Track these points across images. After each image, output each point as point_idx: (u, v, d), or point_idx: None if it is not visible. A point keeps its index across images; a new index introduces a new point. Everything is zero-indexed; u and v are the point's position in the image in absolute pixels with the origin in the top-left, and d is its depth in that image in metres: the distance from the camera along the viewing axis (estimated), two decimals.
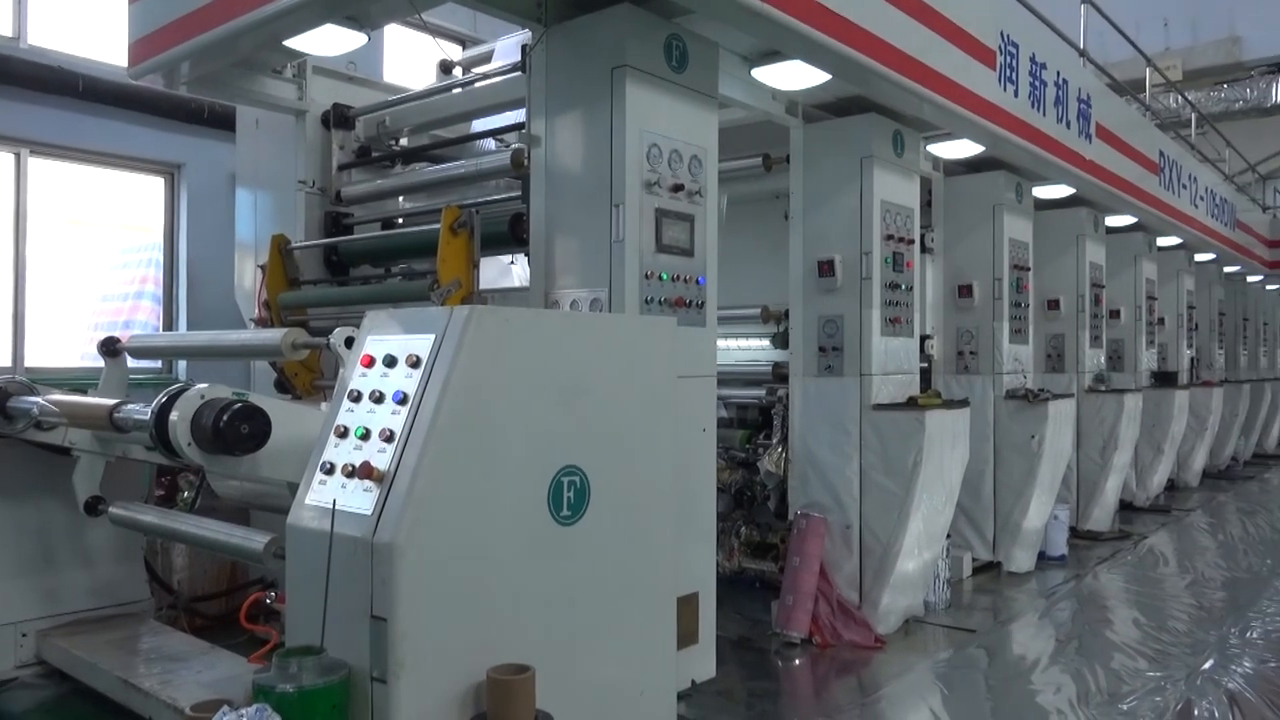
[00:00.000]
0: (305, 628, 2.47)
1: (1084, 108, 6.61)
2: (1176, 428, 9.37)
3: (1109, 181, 7.14)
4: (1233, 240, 11.38)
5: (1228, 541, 7.96)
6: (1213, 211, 10.42)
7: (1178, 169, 9.01)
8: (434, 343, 2.58)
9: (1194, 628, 5.32)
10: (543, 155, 3.95)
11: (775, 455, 5.41)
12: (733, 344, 6.15)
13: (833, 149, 5.22)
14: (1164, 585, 6.39)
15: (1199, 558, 7.25)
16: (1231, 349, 13.44)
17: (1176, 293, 10.51)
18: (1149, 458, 9.15)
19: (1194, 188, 9.64)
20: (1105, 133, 7.02)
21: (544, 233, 3.95)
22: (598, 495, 2.83)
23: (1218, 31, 17.63)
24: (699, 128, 4.00)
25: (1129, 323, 9.15)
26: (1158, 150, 8.42)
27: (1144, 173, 7.99)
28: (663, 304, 3.80)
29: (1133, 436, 8.21)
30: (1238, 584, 6.39)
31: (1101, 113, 6.94)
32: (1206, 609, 5.74)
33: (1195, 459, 10.66)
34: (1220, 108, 17.02)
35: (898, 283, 5.27)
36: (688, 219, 3.93)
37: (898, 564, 4.99)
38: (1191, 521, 8.74)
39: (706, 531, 4.08)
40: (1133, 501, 9.08)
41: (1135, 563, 6.99)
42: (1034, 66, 5.78)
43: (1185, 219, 9.28)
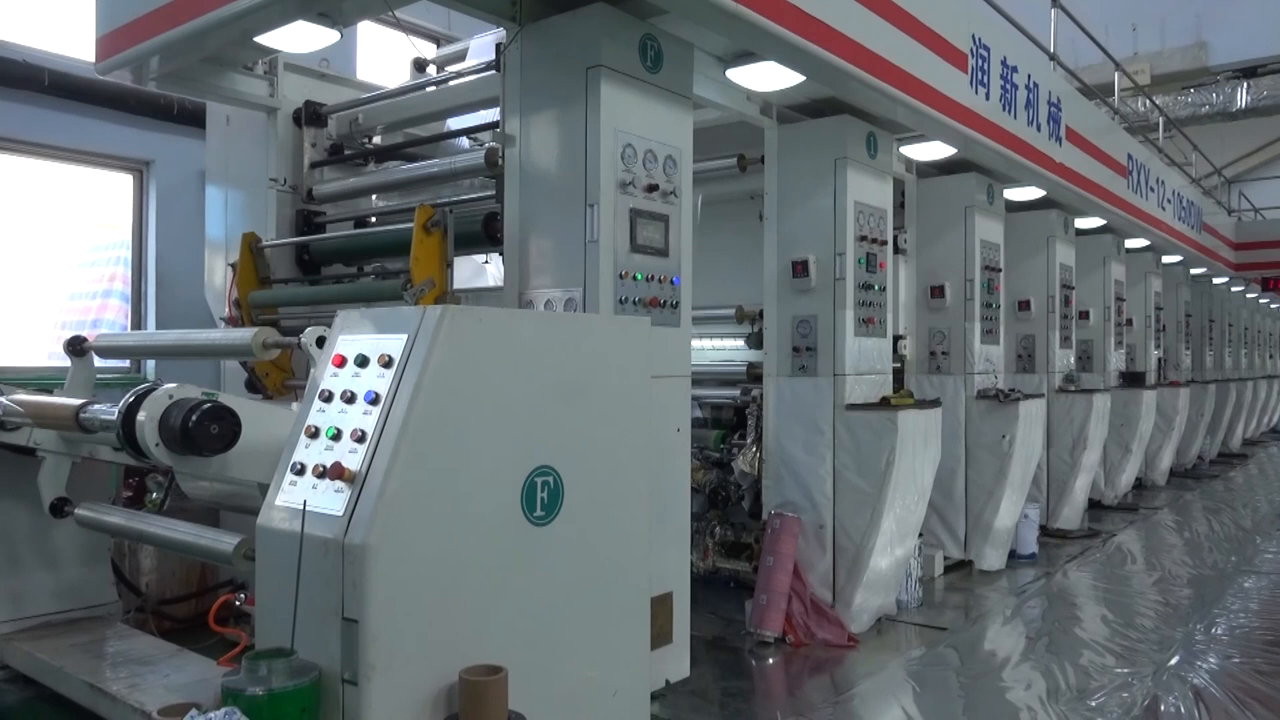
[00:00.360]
0: (275, 630, 2.45)
1: (1054, 111, 6.69)
2: (1144, 427, 9.50)
3: (1078, 184, 7.23)
4: (1199, 243, 11.56)
5: (1194, 539, 8.09)
6: (1180, 214, 10.57)
7: (1145, 172, 9.14)
8: (406, 342, 2.56)
9: (1161, 624, 5.40)
10: (517, 154, 3.94)
11: (749, 455, 5.43)
12: (707, 344, 6.16)
13: (807, 150, 5.25)
14: (1132, 583, 6.48)
15: (1166, 555, 7.35)
16: (1198, 350, 13.65)
17: (1144, 294, 10.66)
18: (1117, 457, 9.27)
19: (1161, 191, 9.78)
20: (1075, 136, 7.11)
21: (518, 232, 3.94)
22: (571, 496, 2.82)
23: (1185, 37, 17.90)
24: (674, 128, 4.01)
25: (1098, 324, 9.27)
26: (1126, 153, 8.54)
27: (1113, 176, 8.10)
28: (637, 304, 3.80)
29: (1101, 436, 8.33)
30: (1203, 581, 6.49)
31: (1071, 116, 7.02)
32: (1173, 606, 5.82)
33: (1162, 458, 10.81)
34: (1187, 112, 17.30)
35: (871, 283, 5.31)
36: (662, 219, 3.93)
37: (870, 563, 5.02)
38: (1159, 520, 8.87)
39: (681, 531, 4.09)
40: (1101, 500, 9.20)
41: (1104, 561, 7.08)
42: (1005, 70, 5.84)
43: (1153, 222, 9.42)
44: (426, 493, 2.46)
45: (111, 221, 7.65)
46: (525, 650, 2.68)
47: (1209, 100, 17.62)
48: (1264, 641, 5.19)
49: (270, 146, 5.27)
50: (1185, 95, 17.92)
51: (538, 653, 2.73)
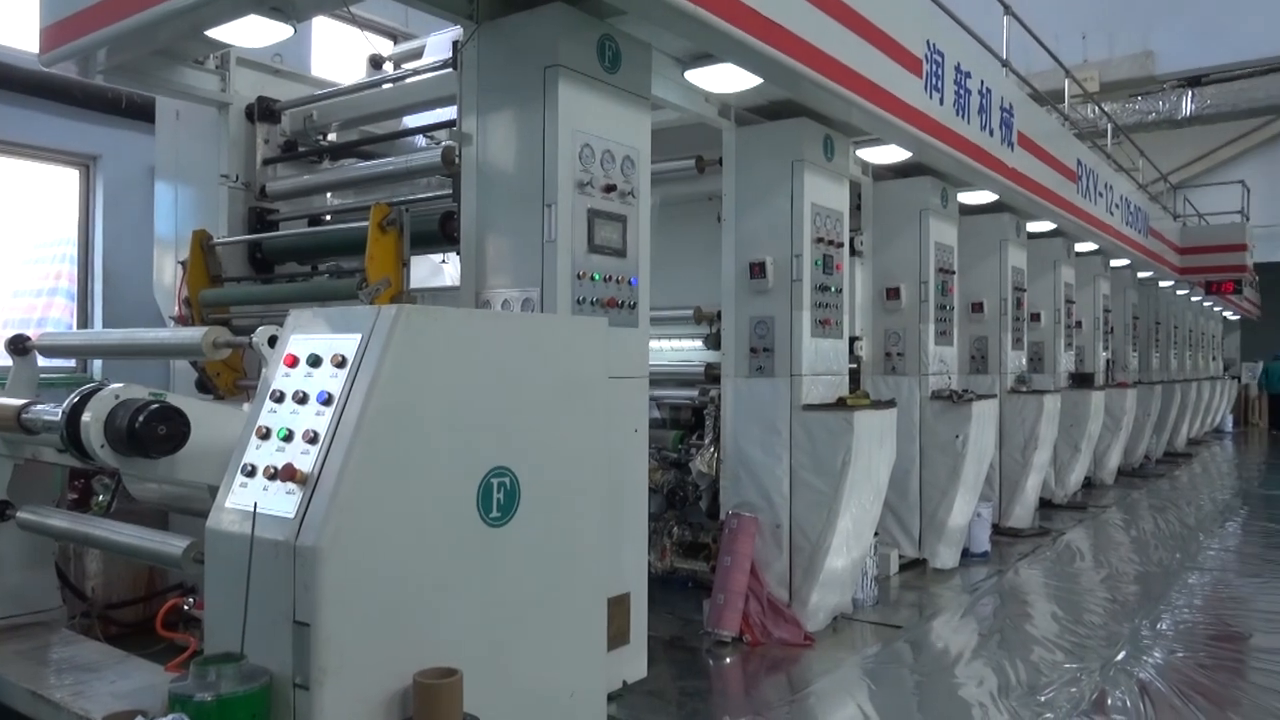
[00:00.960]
0: (225, 634, 2.41)
1: (1006, 116, 6.81)
2: (1093, 427, 9.70)
3: (1030, 188, 7.36)
4: (1146, 247, 11.83)
5: (1140, 537, 8.28)
6: (1127, 219, 10.81)
7: (1094, 177, 9.34)
8: (360, 342, 2.54)
9: (1108, 620, 5.52)
10: (474, 153, 3.92)
11: (707, 455, 5.45)
12: (665, 345, 6.17)
13: (764, 152, 5.28)
14: (1080, 580, 6.61)
15: (1113, 553, 7.52)
16: (1144, 351, 13.96)
17: (1093, 297, 10.88)
18: (1067, 456, 9.46)
19: (1110, 196, 10.00)
20: (1026, 141, 7.23)
21: (475, 232, 3.91)
22: (528, 496, 2.81)
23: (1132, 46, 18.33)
24: (632, 128, 4.01)
25: (1049, 325, 9.44)
26: (1076, 159, 8.71)
27: (1063, 180, 8.26)
28: (595, 304, 3.79)
29: (1052, 436, 8.48)
30: (1149, 578, 6.64)
31: (1023, 121, 7.15)
32: (1120, 602, 5.95)
33: (1110, 458, 11.05)
34: (1134, 119, 17.71)
35: (827, 285, 5.36)
36: (620, 219, 3.93)
37: (827, 562, 5.07)
38: (1107, 518, 9.06)
39: (638, 532, 4.09)
40: (1052, 499, 9.37)
41: (1054, 558, 7.22)
42: (959, 75, 5.93)
43: (1102, 226, 9.62)
44: (380, 494, 2.43)
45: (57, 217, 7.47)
46: (481, 652, 2.66)
47: (1155, 108, 18.06)
48: (1207, 636, 5.33)
49: (222, 142, 5.19)
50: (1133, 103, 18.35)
51: (493, 654, 2.72)
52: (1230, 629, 5.58)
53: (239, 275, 5.03)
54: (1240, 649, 5.15)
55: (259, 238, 5.10)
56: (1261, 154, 20.03)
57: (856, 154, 6.10)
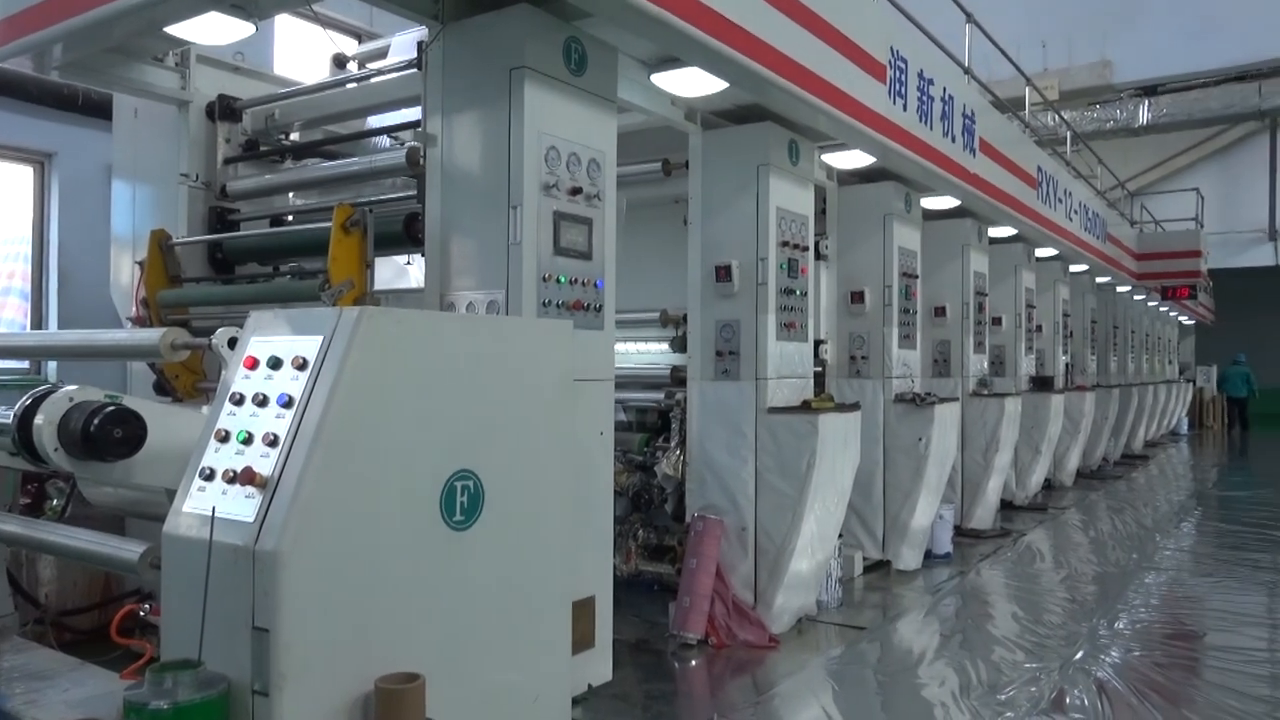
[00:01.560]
0: (182, 641, 2.37)
1: (968, 123, 6.89)
2: (1053, 430, 9.84)
3: (991, 194, 7.46)
4: (1104, 253, 12.03)
5: (1098, 537, 8.41)
6: (1086, 225, 10.99)
7: (1054, 184, 9.49)
8: (322, 344, 2.51)
9: (1067, 620, 5.60)
10: (439, 154, 3.90)
11: (673, 458, 5.45)
12: (631, 347, 6.16)
13: (730, 156, 5.30)
14: (1040, 580, 6.70)
15: (1072, 553, 7.63)
16: (1103, 355, 14.19)
17: (1053, 301, 11.04)
18: (1028, 459, 9.58)
19: (1069, 202, 10.16)
20: (988, 147, 7.33)
21: (440, 233, 3.89)
22: (492, 499, 2.80)
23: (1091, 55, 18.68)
24: (598, 131, 4.00)
25: (1010, 329, 9.56)
26: (1036, 166, 8.84)
27: (1023, 187, 8.38)
28: (560, 307, 3.78)
29: (1013, 438, 8.59)
30: (1107, 578, 6.75)
31: (984, 128, 7.24)
32: (1079, 602, 6.05)
33: (1070, 460, 11.22)
34: (1093, 127, 18.05)
35: (792, 288, 5.39)
36: (586, 222, 3.92)
37: (791, 564, 5.09)
38: (1066, 519, 9.20)
39: (603, 535, 4.08)
40: (1013, 500, 9.50)
41: (1015, 559, 7.32)
42: (922, 82, 6.00)
43: (1061, 232, 9.77)
44: (342, 498, 2.41)
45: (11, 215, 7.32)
46: (444, 657, 2.64)
47: (1113, 116, 18.43)
48: (1163, 635, 5.44)
49: (181, 141, 5.11)
50: (1091, 111, 18.71)
51: (457, 659, 2.70)
52: (1185, 628, 5.70)
53: (198, 276, 4.96)
54: (1195, 647, 5.26)
55: (219, 238, 5.03)
56: (1215, 162, 20.50)
57: (821, 159, 6.15)
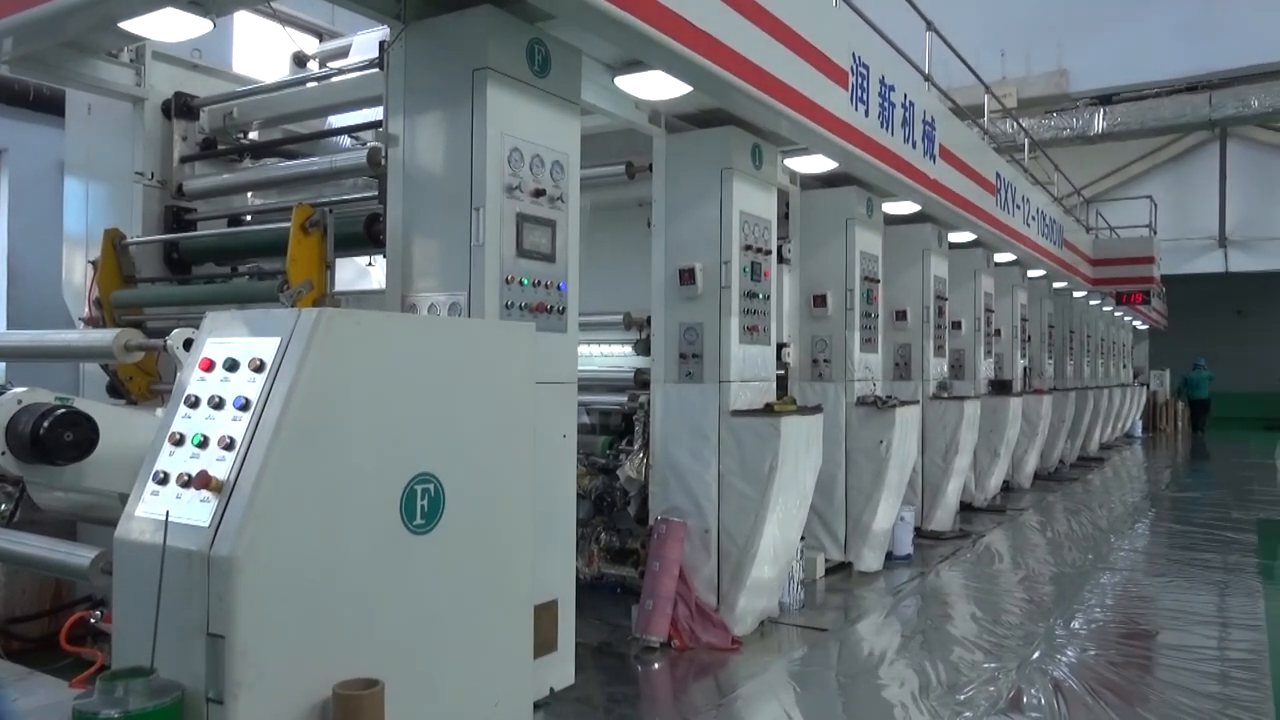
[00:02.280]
0: (134, 648, 2.33)
1: (929, 129, 6.98)
2: (1011, 433, 9.98)
3: (951, 200, 7.56)
4: (1061, 258, 12.24)
5: (1055, 538, 8.55)
6: (1043, 231, 11.18)
7: (1012, 190, 9.64)
8: (280, 345, 2.48)
9: (1025, 620, 5.68)
10: (400, 155, 3.87)
11: (636, 461, 5.45)
12: (595, 350, 6.15)
13: (694, 159, 5.32)
14: (999, 581, 6.80)
15: (1030, 554, 7.75)
16: (1059, 359, 14.42)
17: (1012, 306, 11.20)
18: (986, 461, 9.72)
19: (1026, 208, 10.33)
20: (948, 154, 7.43)
21: (401, 234, 3.86)
22: (453, 503, 2.78)
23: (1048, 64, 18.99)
24: (561, 133, 4.00)
25: (969, 333, 9.69)
26: (995, 172, 8.98)
27: (982, 193, 8.51)
28: (523, 309, 3.77)
29: (972, 441, 8.71)
30: (1063, 579, 6.86)
31: (944, 135, 7.34)
32: (1036, 602, 6.14)
33: (1027, 462, 11.39)
34: (1050, 134, 18.35)
35: (756, 292, 5.42)
36: (549, 224, 3.92)
37: (754, 567, 5.12)
38: (1024, 520, 9.34)
39: (566, 538, 4.07)
40: (972, 502, 9.61)
41: (974, 560, 7.41)
42: (883, 88, 6.06)
43: (1019, 237, 9.93)
44: (299, 502, 2.38)
45: None
46: (404, 662, 2.62)
47: (1070, 124, 18.74)
48: (1118, 635, 5.53)
49: (136, 139, 5.04)
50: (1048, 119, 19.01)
51: (417, 664, 2.68)
52: (1139, 627, 5.81)
53: (154, 276, 4.90)
54: (1148, 646, 5.36)
55: (175, 237, 4.96)
56: (1168, 171, 20.99)
57: (785, 163, 6.19)
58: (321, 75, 5.16)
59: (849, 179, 6.70)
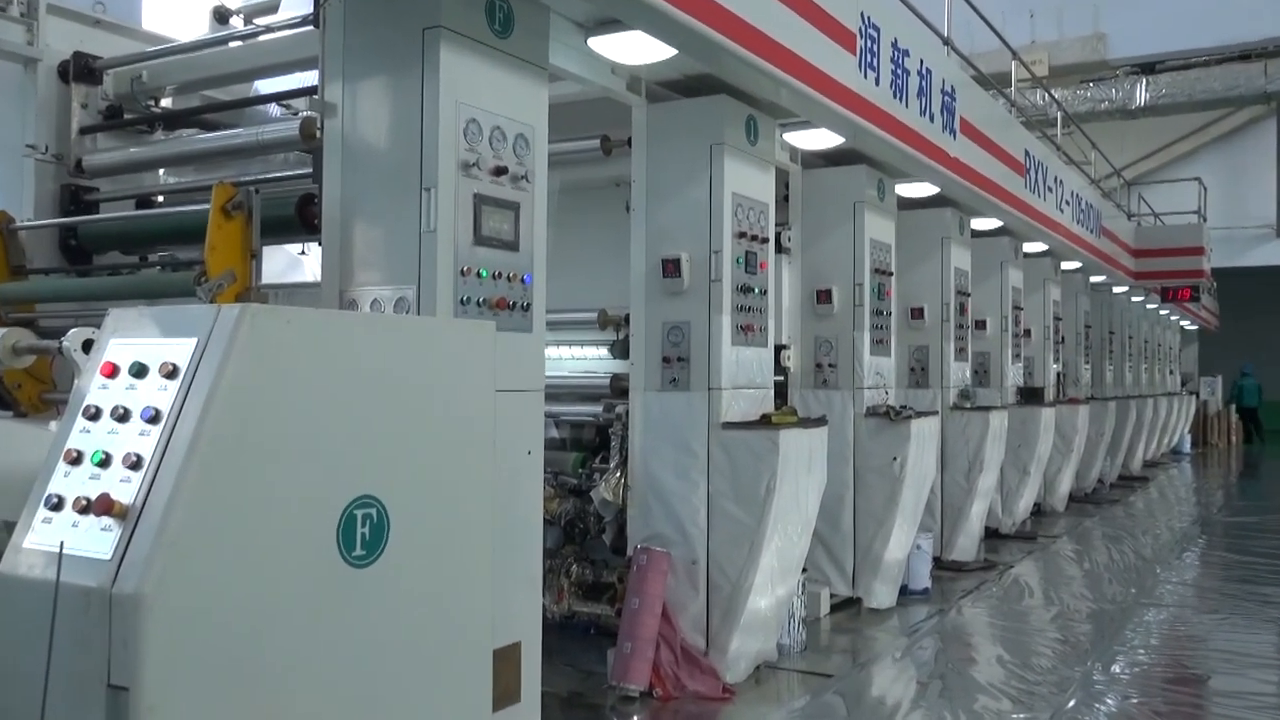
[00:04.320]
0: (20, 702, 2.30)
1: (948, 100, 7.03)
2: (1043, 448, 10.05)
3: (974, 181, 7.61)
4: (1099, 248, 12.36)
5: (1093, 570, 8.62)
6: (1079, 217, 11.29)
7: (1044, 171, 9.73)
8: (196, 348, 2.47)
9: (1059, 664, 5.72)
10: (339, 126, 3.86)
11: (613, 481, 5.45)
12: (565, 353, 6.16)
13: (680, 133, 5.32)
14: (1029, 618, 6.84)
15: (1064, 588, 7.81)
16: (1097, 364, 14.55)
17: (1043, 303, 11.31)
18: (1015, 480, 9.79)
19: (1060, 191, 10.43)
20: (970, 128, 7.48)
21: (339, 218, 3.85)
22: (399, 530, 2.76)
23: (1083, 27, 19.21)
24: (526, 102, 3.99)
25: (995, 334, 9.75)
26: (1023, 150, 9.06)
27: (1009, 173, 8.57)
28: (481, 305, 3.77)
29: (999, 458, 8.77)
30: (1102, 616, 6.91)
31: (966, 107, 7.40)
32: (1071, 644, 6.18)
33: (1061, 482, 11.48)
34: (1086, 107, 18.56)
35: (751, 286, 5.43)
36: (512, 207, 3.91)
37: (748, 603, 5.12)
38: (1057, 549, 9.42)
39: (531, 571, 4.06)
40: (998, 528, 9.69)
41: (1000, 595, 7.46)
42: (896, 53, 6.10)
43: (1051, 224, 10.02)
44: (219, 530, 2.36)
45: None
46: (342, 715, 2.61)
47: (1108, 96, 18.99)
48: (1163, 680, 5.58)
49: (27, 106, 5.02)
50: (1084, 89, 19.25)
51: (358, 718, 2.65)
52: (1188, 671, 5.86)
53: (47, 266, 4.88)
54: (1199, 693, 5.41)
55: (73, 221, 4.95)
56: (1219, 150, 21.20)
57: (784, 138, 6.21)
58: (247, 34, 5.15)
59: (857, 157, 6.73)
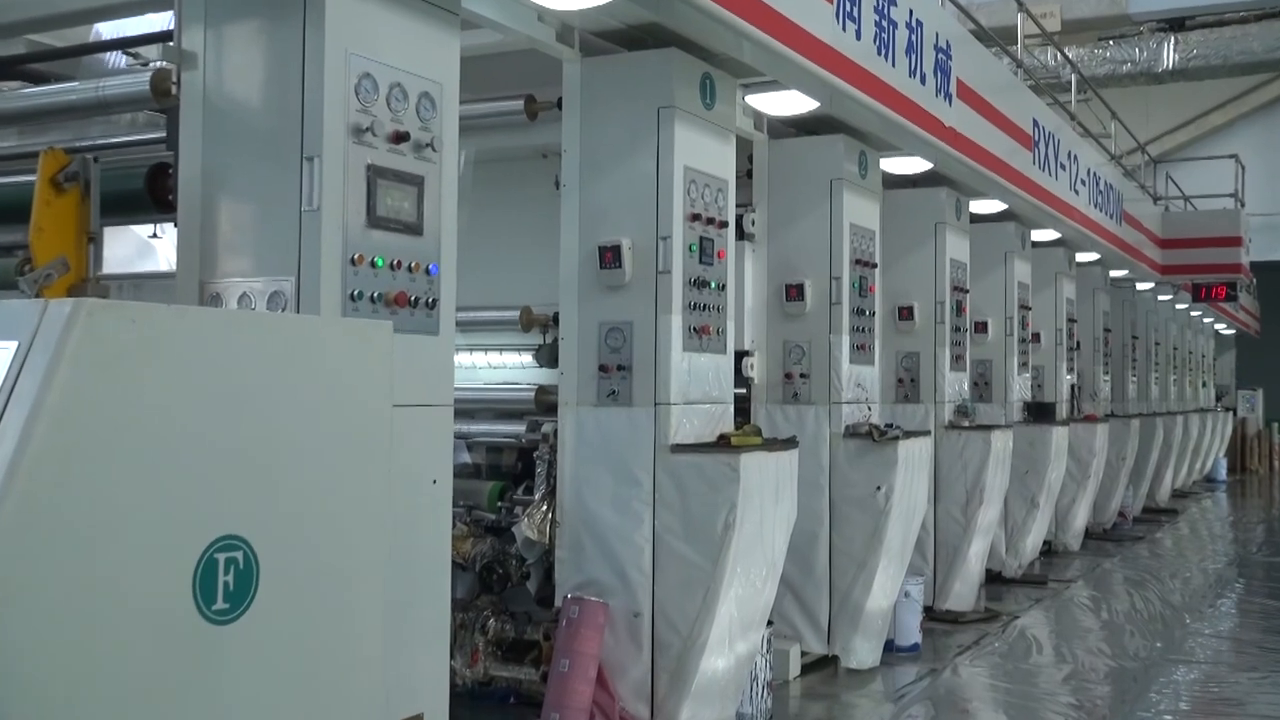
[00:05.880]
0: None
1: (943, 59, 7.11)
2: (1054, 475, 10.20)
3: (973, 155, 7.71)
4: (1120, 237, 12.57)
5: (1113, 621, 8.76)
6: (1096, 200, 11.48)
7: (1055, 144, 9.88)
8: (17, 353, 2.42)
9: None
10: (200, 81, 3.82)
11: (538, 517, 5.44)
12: (480, 360, 6.14)
13: (620, 94, 5.33)
14: (1038, 680, 6.93)
15: (1079, 642, 7.92)
16: (1118, 375, 14.74)
17: (1054, 302, 11.47)
18: (1021, 514, 9.91)
19: (1074, 169, 10.59)
20: (968, 93, 7.58)
21: (200, 194, 3.82)
22: (271, 578, 2.73)
23: None
24: (432, 54, 3.99)
25: (998, 339, 9.87)
26: (1031, 119, 9.21)
27: (1015, 146, 8.70)
28: (376, 302, 3.76)
29: (1002, 486, 8.86)
30: (1124, 675, 7.02)
31: (964, 67, 7.48)
32: (1087, 709, 6.27)
33: (1076, 515, 11.66)
34: (1104, 70, 18.86)
35: (706, 279, 5.44)
36: (415, 182, 3.90)
37: (702, 663, 5.12)
38: (1071, 596, 9.55)
39: (436, 628, 4.04)
40: (1002, 571, 9.81)
41: (1004, 651, 7.54)
42: (881, 2, 6.16)
43: (1064, 208, 10.18)
44: (44, 577, 2.31)
45: None
46: None
47: (1130, 57, 19.32)
48: None
49: None
50: (1102, 49, 19.57)
51: None
52: None
53: None
54: None
55: None
56: (1258, 122, 21.67)
57: (747, 101, 6.24)
58: None
59: (835, 125, 6.79)
